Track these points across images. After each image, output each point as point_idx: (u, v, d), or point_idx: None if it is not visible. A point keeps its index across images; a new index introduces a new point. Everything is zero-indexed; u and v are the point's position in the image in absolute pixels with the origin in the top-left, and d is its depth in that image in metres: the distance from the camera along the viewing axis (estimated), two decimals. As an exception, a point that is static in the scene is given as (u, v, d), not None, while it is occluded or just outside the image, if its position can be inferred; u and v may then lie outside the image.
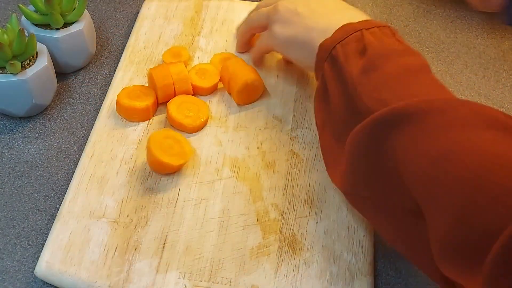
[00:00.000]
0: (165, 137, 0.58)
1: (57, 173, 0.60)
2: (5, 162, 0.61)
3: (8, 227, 0.56)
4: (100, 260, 0.52)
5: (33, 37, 0.61)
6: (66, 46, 0.65)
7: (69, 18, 0.65)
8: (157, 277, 0.51)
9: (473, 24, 0.79)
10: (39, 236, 0.55)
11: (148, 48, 0.70)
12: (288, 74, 0.68)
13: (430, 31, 0.78)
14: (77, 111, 0.66)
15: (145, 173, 0.58)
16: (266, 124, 0.63)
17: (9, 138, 0.63)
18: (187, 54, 0.68)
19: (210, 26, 0.73)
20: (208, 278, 0.51)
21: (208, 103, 0.65)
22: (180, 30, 0.72)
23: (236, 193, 0.57)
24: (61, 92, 0.68)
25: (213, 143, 0.61)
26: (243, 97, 0.64)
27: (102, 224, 0.54)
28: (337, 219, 0.55)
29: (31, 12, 0.64)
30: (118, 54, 0.72)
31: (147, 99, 0.62)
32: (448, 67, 0.73)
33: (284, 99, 0.66)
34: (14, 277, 0.52)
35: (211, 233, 0.54)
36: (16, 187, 0.59)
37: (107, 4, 0.78)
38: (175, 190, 0.57)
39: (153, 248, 0.53)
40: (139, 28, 0.72)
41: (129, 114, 0.62)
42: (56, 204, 0.58)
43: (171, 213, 0.55)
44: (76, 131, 0.64)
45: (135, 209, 0.55)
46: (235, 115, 0.64)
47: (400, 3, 0.82)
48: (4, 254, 0.54)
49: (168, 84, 0.63)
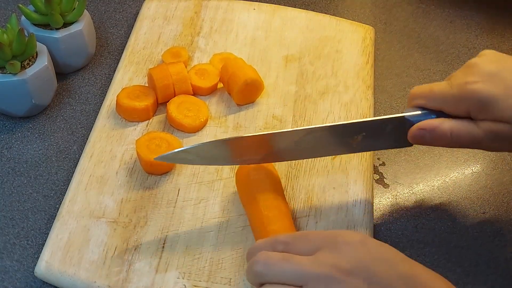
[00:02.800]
0: (150, 139, 0.58)
1: (56, 173, 0.60)
2: (5, 162, 0.61)
3: (7, 226, 0.56)
4: (99, 260, 0.52)
5: (33, 37, 0.61)
6: (66, 46, 0.66)
7: (69, 18, 0.65)
8: (157, 277, 0.51)
9: (473, 24, 0.79)
10: (38, 236, 0.55)
11: (148, 48, 0.70)
12: (287, 74, 0.68)
13: (430, 31, 0.78)
14: (76, 111, 0.66)
15: (145, 173, 0.58)
16: (266, 124, 0.63)
17: (9, 138, 0.63)
18: (186, 54, 0.68)
19: (209, 26, 0.73)
20: (207, 278, 0.51)
21: (208, 103, 0.65)
22: (180, 30, 0.72)
23: (235, 193, 0.57)
24: (61, 92, 0.68)
25: (213, 143, 0.61)
26: (243, 97, 0.64)
27: (101, 224, 0.54)
28: (337, 219, 0.55)
29: (31, 12, 0.64)
30: (118, 54, 0.72)
31: (146, 99, 0.62)
32: (448, 67, 0.73)
33: (283, 99, 0.66)
34: (14, 276, 0.52)
35: (210, 233, 0.54)
36: (15, 187, 0.59)
37: (106, 4, 0.78)
38: (175, 190, 0.57)
39: (153, 248, 0.53)
40: (138, 28, 0.72)
41: (129, 114, 0.62)
42: (55, 204, 0.58)
43: (171, 213, 0.55)
44: (75, 131, 0.64)
45: (135, 209, 0.55)
46: (235, 115, 0.64)
47: (400, 3, 0.82)
48: (4, 253, 0.54)
49: (167, 84, 0.63)
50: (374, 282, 0.41)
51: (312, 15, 0.75)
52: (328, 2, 0.81)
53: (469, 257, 0.56)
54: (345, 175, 0.59)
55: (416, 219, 0.58)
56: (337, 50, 0.71)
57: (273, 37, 0.72)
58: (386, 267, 0.42)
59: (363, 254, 0.42)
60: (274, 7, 0.76)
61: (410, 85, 0.71)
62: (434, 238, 0.57)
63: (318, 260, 0.42)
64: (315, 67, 0.69)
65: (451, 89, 0.50)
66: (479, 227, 0.58)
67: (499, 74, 0.48)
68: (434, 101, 0.51)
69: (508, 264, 0.55)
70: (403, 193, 0.61)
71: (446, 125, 0.50)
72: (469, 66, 0.50)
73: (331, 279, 0.41)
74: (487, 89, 0.48)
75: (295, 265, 0.42)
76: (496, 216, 0.59)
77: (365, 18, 0.79)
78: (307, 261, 0.43)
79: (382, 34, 0.77)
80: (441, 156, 0.64)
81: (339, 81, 0.68)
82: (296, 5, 0.79)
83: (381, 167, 0.63)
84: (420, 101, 0.52)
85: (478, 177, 0.62)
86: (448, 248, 0.56)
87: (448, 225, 0.58)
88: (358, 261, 0.42)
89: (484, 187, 0.62)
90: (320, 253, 0.43)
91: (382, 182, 0.61)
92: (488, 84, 0.48)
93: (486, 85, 0.48)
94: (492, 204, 0.60)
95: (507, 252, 0.56)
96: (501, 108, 0.47)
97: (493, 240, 0.57)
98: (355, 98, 0.66)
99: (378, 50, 0.75)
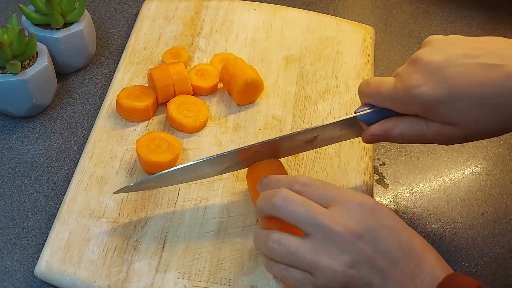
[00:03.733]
0: (150, 139, 0.58)
1: (57, 173, 0.60)
2: (5, 162, 0.61)
3: (8, 226, 0.56)
4: (99, 260, 0.52)
5: (33, 37, 0.61)
6: (66, 46, 0.66)
7: (69, 18, 0.65)
8: (156, 277, 0.51)
9: (473, 24, 0.79)
10: (38, 236, 0.55)
11: (148, 49, 0.70)
12: (287, 75, 0.68)
13: (430, 32, 0.78)
14: (77, 111, 0.66)
15: (145, 173, 0.58)
16: (266, 125, 0.63)
17: (9, 138, 0.63)
18: (187, 55, 0.68)
19: (210, 26, 0.73)
20: (207, 278, 0.51)
21: (208, 103, 0.65)
22: (180, 31, 0.72)
23: (235, 194, 0.57)
24: (61, 92, 0.68)
25: (213, 143, 0.61)
26: (243, 97, 0.64)
27: (101, 224, 0.54)
28: (336, 220, 0.56)
29: (31, 12, 0.64)
30: (118, 54, 0.72)
31: (147, 99, 0.62)
32: (448, 67, 0.73)
33: (283, 99, 0.66)
34: (14, 276, 0.53)
35: (210, 233, 0.54)
36: (16, 187, 0.59)
37: (107, 5, 0.78)
38: (175, 191, 0.57)
39: (153, 248, 0.53)
40: (139, 28, 0.72)
41: (129, 114, 0.62)
42: (56, 204, 0.58)
43: (171, 213, 0.55)
44: (76, 131, 0.64)
45: (135, 209, 0.55)
46: (235, 115, 0.64)
47: (400, 3, 0.82)
48: (4, 253, 0.54)
49: (168, 85, 0.63)
50: (377, 249, 0.44)
51: (313, 15, 0.75)
52: (328, 2, 0.81)
53: (468, 257, 0.56)
54: (345, 175, 0.59)
55: (416, 219, 0.59)
56: (338, 51, 0.71)
57: (274, 37, 0.72)
58: (389, 235, 0.44)
59: (372, 220, 0.44)
60: (274, 8, 0.76)
61: (410, 85, 0.71)
62: (434, 238, 0.57)
63: (332, 215, 0.44)
64: (315, 68, 0.69)
65: (397, 91, 0.49)
66: (479, 228, 0.58)
67: (443, 69, 0.47)
68: (382, 102, 0.51)
69: (507, 265, 0.55)
70: (403, 193, 0.61)
71: (397, 130, 0.51)
72: (413, 61, 0.49)
73: (339, 237, 0.43)
74: (431, 93, 0.47)
75: (310, 212, 0.44)
76: (495, 217, 0.59)
77: (366, 18, 0.79)
78: (322, 212, 0.45)
79: (382, 34, 0.77)
80: (441, 156, 0.64)
81: (339, 82, 0.68)
82: (297, 6, 0.79)
83: (381, 167, 0.63)
84: (369, 100, 0.52)
85: (477, 177, 0.62)
86: (448, 248, 0.56)
87: (448, 225, 0.58)
88: (367, 226, 0.44)
89: (484, 188, 0.62)
90: (334, 208, 0.45)
91: (382, 182, 0.62)
92: (432, 85, 0.47)
93: (430, 87, 0.47)
94: (492, 204, 0.60)
95: (506, 253, 0.56)
96: (447, 111, 0.47)
97: (492, 241, 0.57)
98: (355, 99, 0.66)
99: (378, 50, 0.75)
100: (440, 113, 0.48)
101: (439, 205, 0.60)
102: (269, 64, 0.69)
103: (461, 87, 0.46)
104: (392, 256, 0.44)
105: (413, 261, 0.44)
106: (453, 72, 0.47)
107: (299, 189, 0.47)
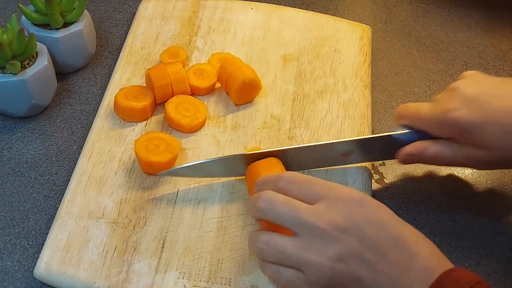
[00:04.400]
0: (149, 139, 0.58)
1: (56, 173, 0.60)
2: (5, 162, 0.61)
3: (7, 227, 0.56)
4: (99, 260, 0.52)
5: (33, 37, 0.61)
6: (66, 46, 0.66)
7: (69, 18, 0.65)
8: (156, 277, 0.51)
9: (472, 23, 0.79)
10: (38, 236, 0.55)
11: (146, 48, 0.70)
12: (285, 73, 0.68)
13: (430, 31, 0.78)
14: (76, 111, 0.66)
15: (144, 174, 0.58)
16: (264, 124, 0.63)
17: (9, 138, 0.63)
18: (184, 54, 0.68)
19: (207, 26, 0.73)
20: (207, 278, 0.51)
21: (206, 103, 0.65)
22: (178, 30, 0.72)
23: (234, 193, 0.57)
24: (61, 92, 0.68)
25: (211, 143, 0.61)
26: (241, 96, 0.64)
27: (101, 225, 0.54)
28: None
29: (31, 12, 0.64)
30: (118, 54, 0.72)
31: (144, 100, 0.62)
32: (447, 67, 0.73)
33: (281, 98, 0.66)
34: (14, 277, 0.53)
35: (210, 233, 0.54)
36: (16, 187, 0.59)
37: (106, 4, 0.78)
38: (174, 190, 0.57)
39: (152, 248, 0.53)
40: (136, 28, 0.72)
41: (127, 114, 0.62)
42: (55, 204, 0.58)
43: (170, 213, 0.55)
44: (75, 131, 0.64)
45: (134, 210, 0.56)
46: (233, 114, 0.64)
47: (400, 3, 0.82)
48: (4, 254, 0.54)
49: (165, 84, 0.63)
50: (365, 242, 0.44)
51: (310, 14, 0.75)
52: (328, 1, 0.81)
53: (469, 257, 0.56)
54: (344, 174, 0.59)
55: (416, 219, 0.59)
56: (335, 50, 0.71)
57: (271, 36, 0.72)
58: (377, 229, 0.45)
59: (358, 214, 0.45)
60: (272, 7, 0.76)
61: (410, 84, 0.71)
62: (434, 238, 0.57)
63: (316, 212, 0.45)
64: (313, 67, 0.69)
65: (435, 114, 0.54)
66: (480, 227, 0.58)
67: (478, 98, 0.52)
68: (420, 124, 0.55)
69: (509, 264, 0.56)
70: (403, 193, 0.61)
71: (432, 150, 0.55)
72: (451, 89, 0.54)
73: (324, 233, 0.44)
74: (466, 116, 0.51)
75: (294, 212, 0.45)
76: (496, 216, 0.59)
77: (365, 17, 0.79)
78: (306, 211, 0.45)
79: (382, 33, 0.77)
80: (440, 156, 0.64)
81: (337, 80, 0.68)
82: (296, 5, 0.79)
83: (381, 167, 0.63)
84: (407, 122, 0.56)
85: (478, 177, 0.62)
86: (448, 248, 0.56)
87: (448, 225, 0.58)
88: (353, 220, 0.45)
89: (485, 187, 0.62)
90: (320, 205, 0.46)
91: (382, 182, 0.62)
92: (468, 110, 0.51)
93: (465, 112, 0.51)
94: (493, 204, 0.60)
95: (508, 252, 0.56)
96: (479, 135, 0.51)
97: (493, 240, 0.57)
98: (353, 97, 0.66)
99: (378, 50, 0.75)
100: (473, 136, 0.51)
101: (440, 204, 0.60)
102: (267, 63, 0.69)
103: (494, 115, 0.51)
104: (380, 249, 0.44)
105: (404, 253, 0.44)
106: (487, 100, 0.51)
107: (285, 186, 0.47)
